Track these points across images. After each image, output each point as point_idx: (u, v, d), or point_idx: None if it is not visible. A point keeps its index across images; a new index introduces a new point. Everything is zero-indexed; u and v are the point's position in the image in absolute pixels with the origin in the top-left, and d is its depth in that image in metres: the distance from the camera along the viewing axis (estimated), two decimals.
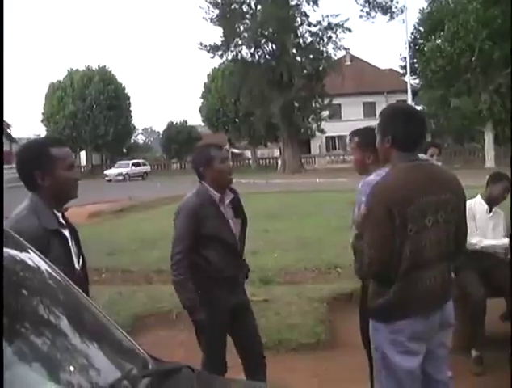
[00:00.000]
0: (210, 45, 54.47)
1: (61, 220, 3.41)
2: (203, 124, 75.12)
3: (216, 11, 53.71)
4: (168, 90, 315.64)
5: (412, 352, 3.66)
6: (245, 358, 4.93)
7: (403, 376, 3.65)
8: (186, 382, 2.24)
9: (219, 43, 54.57)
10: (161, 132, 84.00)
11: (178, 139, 71.67)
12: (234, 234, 4.79)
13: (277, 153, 67.47)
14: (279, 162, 60.65)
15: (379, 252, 3.50)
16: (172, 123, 75.68)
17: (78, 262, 3.46)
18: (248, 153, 72.76)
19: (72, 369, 2.00)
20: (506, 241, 6.52)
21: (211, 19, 53.82)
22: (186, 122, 76.56)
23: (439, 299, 3.74)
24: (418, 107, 49.47)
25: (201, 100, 71.50)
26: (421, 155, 4.13)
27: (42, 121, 72.05)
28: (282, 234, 14.79)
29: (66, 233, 3.41)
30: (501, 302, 6.52)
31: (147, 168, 64.44)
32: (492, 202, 6.64)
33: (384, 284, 3.61)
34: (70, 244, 3.41)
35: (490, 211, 6.69)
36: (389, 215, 3.46)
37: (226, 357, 4.82)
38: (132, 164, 62.79)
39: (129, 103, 74.15)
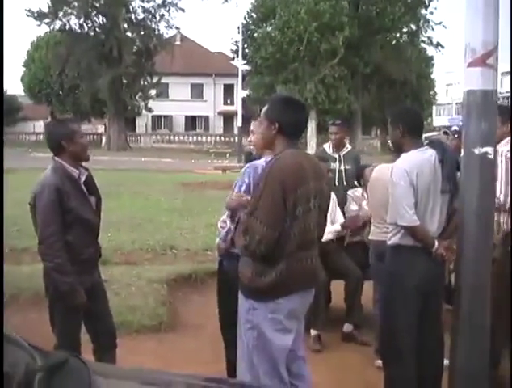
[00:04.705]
0: (37, 12, 51.67)
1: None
2: (24, 93, 71.83)
3: None
4: None
5: (287, 330, 3.81)
6: (97, 340, 4.76)
7: (277, 354, 3.77)
8: (78, 373, 2.09)
9: (46, 10, 51.93)
10: None
11: None
12: (95, 213, 4.61)
13: (101, 129, 65.76)
14: (104, 138, 59.25)
15: (272, 231, 3.58)
16: None
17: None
18: None
19: None
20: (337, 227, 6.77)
21: None
22: (5, 91, 72.79)
23: (315, 278, 3.96)
24: (246, 92, 50.38)
25: (23, 69, 68.42)
26: None
27: None
28: (113, 212, 14.23)
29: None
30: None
31: None
32: None
33: (267, 263, 3.68)
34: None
35: None
36: (284, 196, 3.58)
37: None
38: None
39: None
